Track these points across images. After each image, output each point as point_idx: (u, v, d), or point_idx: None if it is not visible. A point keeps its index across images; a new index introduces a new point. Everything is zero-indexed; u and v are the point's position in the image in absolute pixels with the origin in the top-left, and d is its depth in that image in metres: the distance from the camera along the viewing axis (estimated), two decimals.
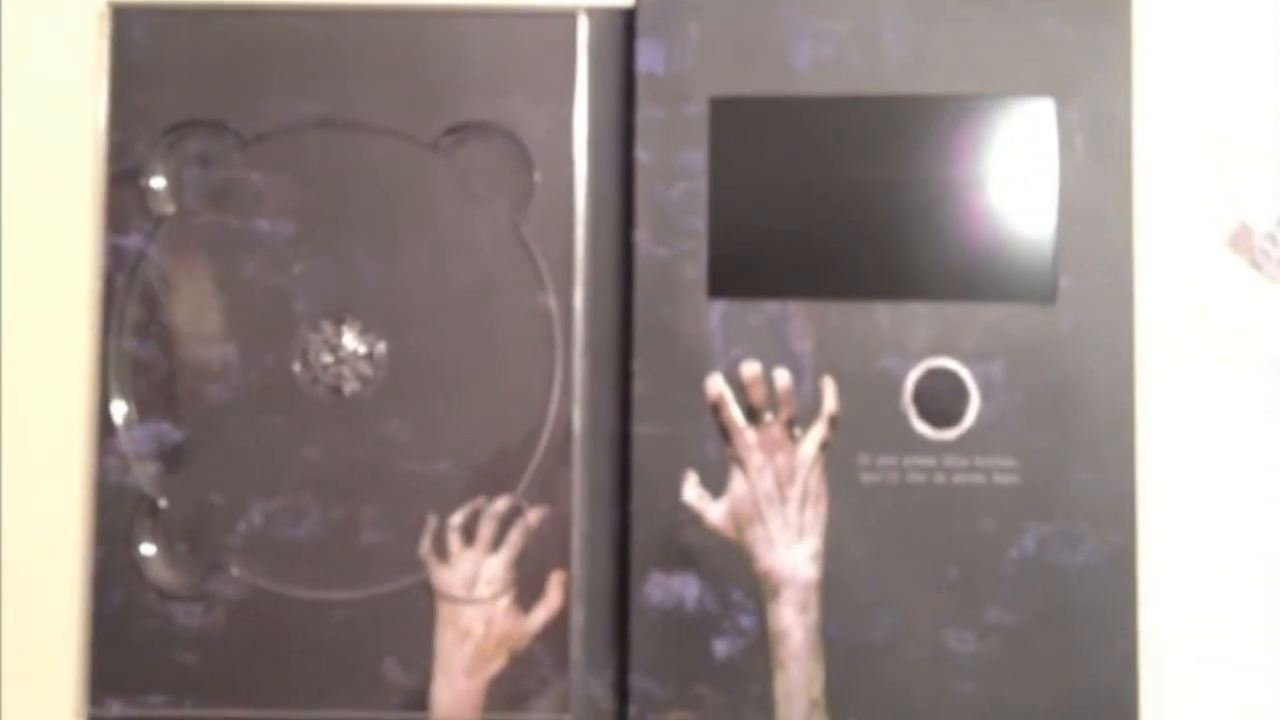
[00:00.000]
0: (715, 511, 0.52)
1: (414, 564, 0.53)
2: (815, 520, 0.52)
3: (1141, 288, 0.53)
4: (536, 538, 0.53)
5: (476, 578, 0.53)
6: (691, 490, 0.52)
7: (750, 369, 0.52)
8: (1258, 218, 0.54)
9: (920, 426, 0.52)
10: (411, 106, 0.54)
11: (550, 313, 0.53)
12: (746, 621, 0.52)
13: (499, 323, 0.53)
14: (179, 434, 0.53)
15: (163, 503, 0.53)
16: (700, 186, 0.53)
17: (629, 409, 0.53)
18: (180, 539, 0.53)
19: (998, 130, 0.53)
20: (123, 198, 0.54)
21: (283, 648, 0.52)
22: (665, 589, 0.52)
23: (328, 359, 0.53)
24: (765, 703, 0.51)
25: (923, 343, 0.52)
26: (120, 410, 0.53)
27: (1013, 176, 0.53)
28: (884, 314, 0.52)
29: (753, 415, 0.52)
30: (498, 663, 0.52)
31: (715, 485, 0.52)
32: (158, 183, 0.54)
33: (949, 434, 0.52)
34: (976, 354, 0.52)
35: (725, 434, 0.52)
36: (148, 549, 0.53)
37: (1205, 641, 0.53)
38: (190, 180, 0.54)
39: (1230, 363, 0.54)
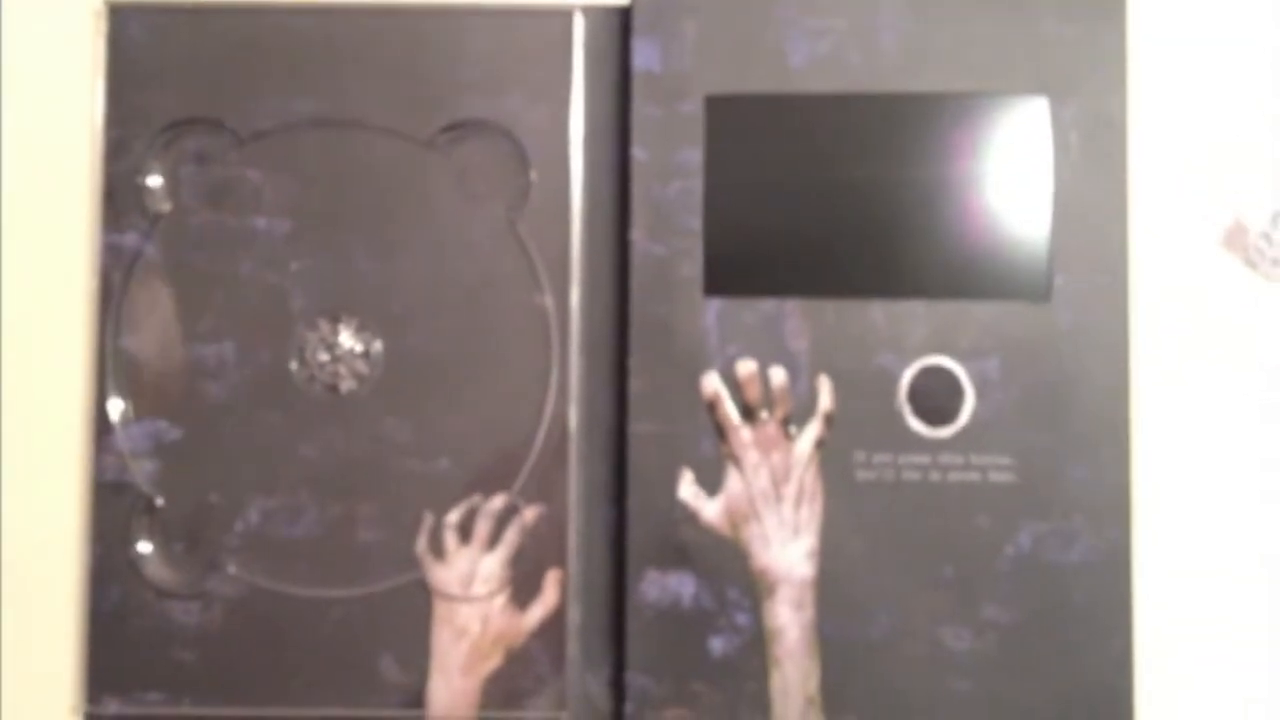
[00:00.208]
0: (711, 509, 0.52)
1: (410, 562, 0.53)
2: (811, 518, 0.52)
3: (1136, 286, 0.53)
4: (533, 536, 0.53)
5: (473, 576, 0.53)
6: (687, 488, 0.52)
7: (746, 367, 0.52)
8: (1252, 216, 0.54)
9: (916, 424, 0.52)
10: (408, 105, 0.54)
11: (547, 311, 0.53)
12: (742, 619, 0.52)
13: (496, 321, 0.53)
14: (176, 432, 0.53)
15: (160, 501, 0.53)
16: (696, 185, 0.53)
17: (625, 407, 0.53)
18: (177, 537, 0.53)
19: (993, 129, 0.53)
20: (120, 196, 0.54)
21: (280, 646, 0.52)
22: (661, 587, 0.52)
23: (324, 357, 0.53)
24: (761, 700, 0.51)
25: (918, 341, 0.52)
26: (117, 408, 0.53)
27: (1008, 175, 0.53)
28: (879, 312, 0.52)
29: (748, 413, 0.52)
30: (494, 661, 0.52)
31: (711, 483, 0.52)
32: (155, 181, 0.54)
33: (944, 432, 0.52)
34: (972, 352, 0.52)
35: (721, 432, 0.52)
36: (145, 547, 0.53)
37: (1200, 639, 0.53)
38: (187, 178, 0.54)
39: (1225, 361, 0.54)
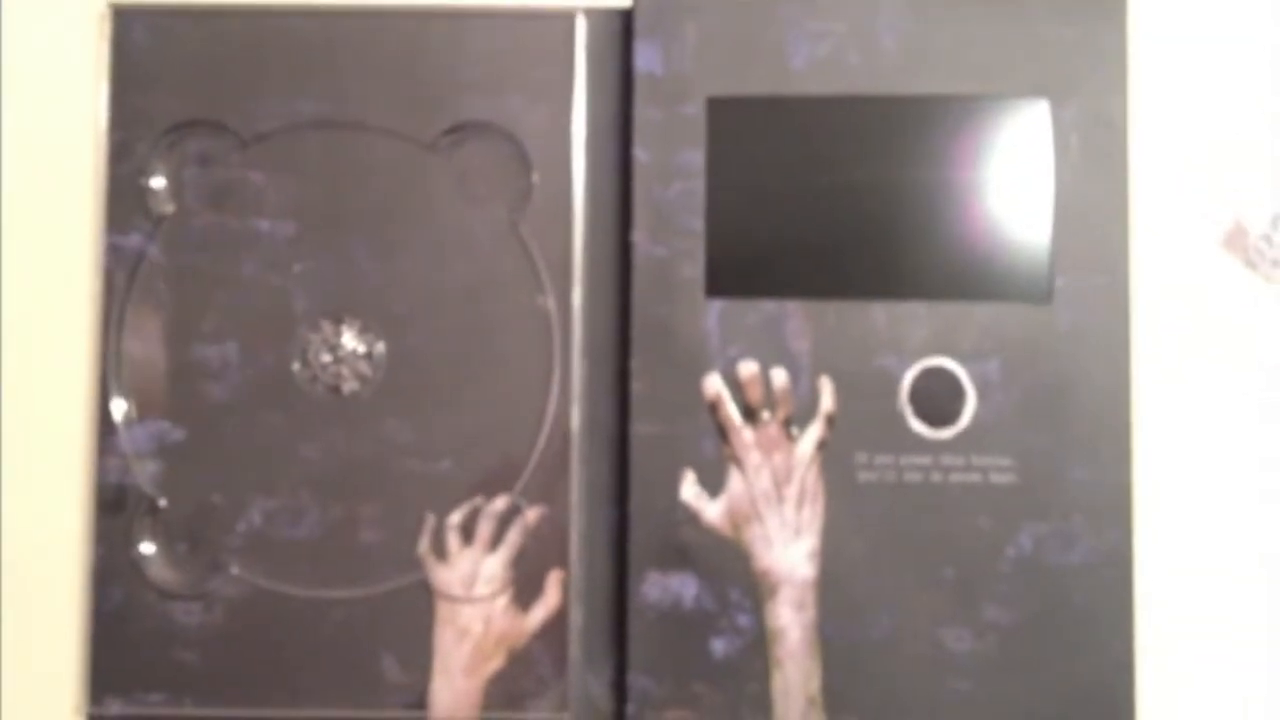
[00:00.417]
0: (713, 510, 0.52)
1: (413, 563, 0.53)
2: (812, 519, 0.52)
3: (1137, 287, 0.53)
4: (535, 537, 0.53)
5: (475, 577, 0.53)
6: (689, 489, 0.52)
7: (748, 368, 0.53)
8: (1253, 217, 0.55)
9: (917, 426, 0.52)
10: (410, 107, 0.54)
11: (548, 312, 0.53)
12: (744, 620, 0.52)
13: (497, 322, 0.53)
14: (179, 433, 0.53)
15: (162, 502, 0.53)
16: (698, 186, 0.53)
17: (627, 408, 0.53)
18: (180, 538, 0.53)
19: (994, 131, 0.53)
20: (123, 197, 0.54)
21: (282, 647, 0.52)
22: (663, 588, 0.52)
23: (327, 358, 0.53)
24: (763, 701, 0.51)
25: (919, 342, 0.52)
26: (120, 409, 0.53)
27: (1009, 176, 0.53)
28: (881, 313, 0.52)
29: (750, 414, 0.52)
30: (496, 662, 0.52)
31: (713, 484, 0.52)
32: (158, 182, 0.54)
33: (945, 433, 0.52)
34: (973, 353, 0.52)
35: (723, 433, 0.52)
36: (147, 548, 0.53)
37: (1201, 640, 0.53)
38: (190, 180, 0.54)
39: (1226, 362, 0.54)
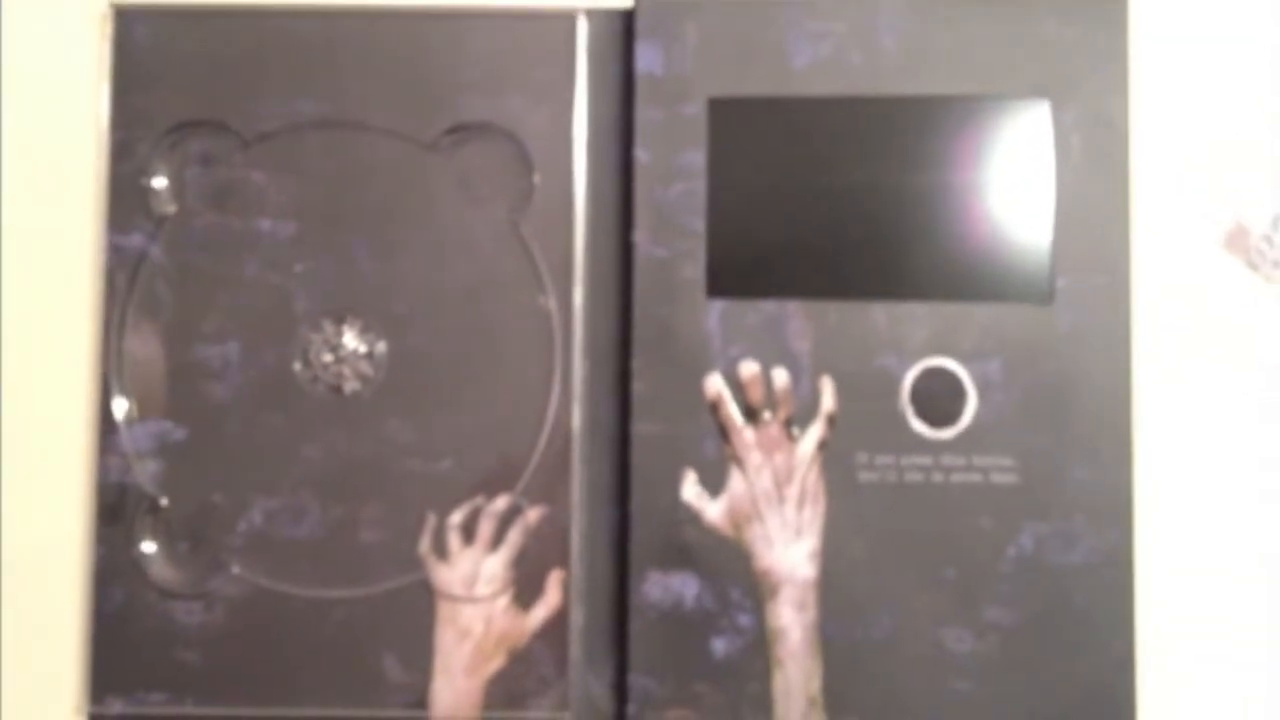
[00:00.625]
0: (714, 510, 0.52)
1: (414, 563, 0.53)
2: (813, 519, 0.52)
3: (1138, 288, 0.53)
4: (536, 536, 0.53)
5: (476, 576, 0.53)
6: (690, 489, 0.52)
7: (749, 368, 0.53)
8: (1254, 218, 0.55)
9: (918, 426, 0.52)
10: (412, 107, 0.54)
11: (550, 313, 0.53)
12: (745, 620, 0.52)
13: (498, 322, 0.53)
14: (180, 432, 0.53)
15: (164, 501, 0.53)
16: (699, 187, 0.53)
17: (628, 408, 0.53)
18: (181, 537, 0.53)
19: (995, 131, 0.53)
20: (124, 197, 0.54)
21: (283, 646, 0.52)
22: (664, 588, 0.52)
23: (328, 358, 0.54)
24: (763, 701, 0.51)
25: (920, 342, 0.52)
26: (121, 408, 0.53)
27: (1010, 177, 0.53)
28: (882, 314, 0.52)
29: (751, 414, 0.52)
30: (497, 661, 0.52)
31: (714, 484, 0.52)
32: (159, 182, 0.54)
33: (946, 433, 0.52)
34: (974, 354, 0.52)
35: (724, 433, 0.52)
36: (149, 547, 0.53)
37: (1202, 640, 0.53)
38: (192, 180, 0.54)
39: (1227, 362, 0.54)
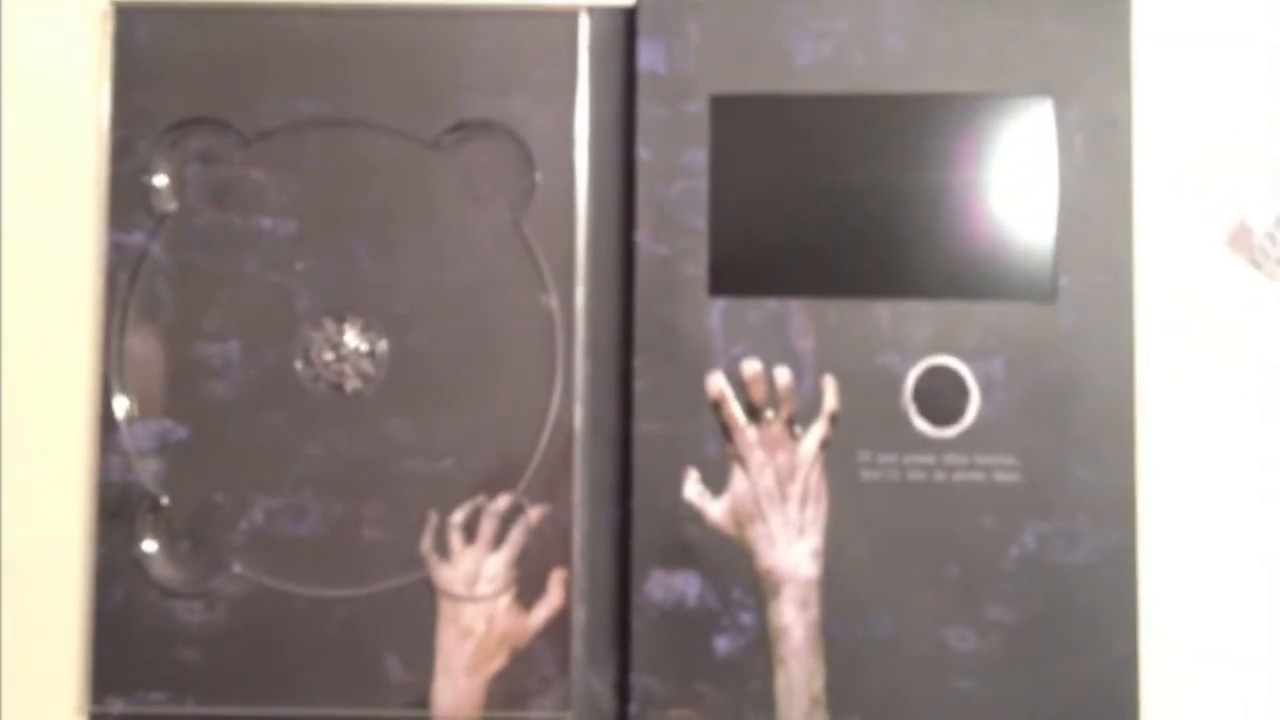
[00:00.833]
0: (716, 509, 0.52)
1: (415, 562, 0.53)
2: (816, 518, 0.52)
3: (1141, 287, 0.53)
4: (538, 535, 0.53)
5: (478, 575, 0.53)
6: (692, 488, 0.52)
7: (751, 367, 0.53)
8: (1257, 217, 0.55)
9: (921, 424, 0.52)
10: (413, 105, 0.54)
11: (551, 311, 0.53)
12: (747, 619, 0.52)
13: (500, 321, 0.53)
14: (181, 431, 0.53)
15: (165, 500, 0.53)
16: (701, 185, 0.53)
17: (630, 407, 0.53)
18: (182, 536, 0.53)
19: (998, 129, 0.53)
20: (125, 195, 0.54)
21: (284, 645, 0.52)
22: (666, 587, 0.52)
23: (329, 356, 0.53)
24: (766, 700, 0.51)
25: (923, 341, 0.52)
26: (122, 407, 0.53)
27: (1012, 176, 0.53)
28: (884, 312, 0.52)
29: (753, 413, 0.52)
30: (499, 661, 0.52)
31: (716, 483, 0.52)
32: (160, 180, 0.54)
33: (949, 432, 0.52)
34: (977, 352, 0.52)
35: (726, 432, 0.52)
36: (150, 546, 0.53)
37: (1205, 639, 0.53)
38: (193, 178, 0.54)
39: (1230, 361, 0.54)
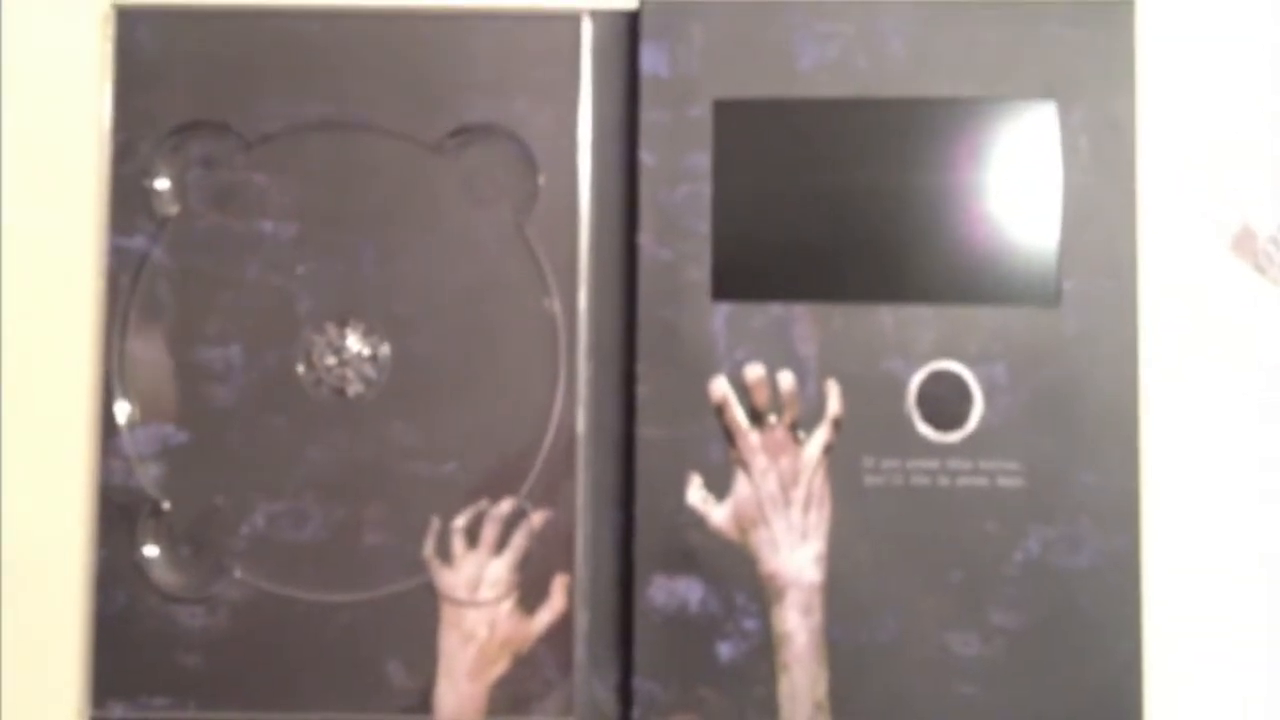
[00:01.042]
0: (719, 514, 0.52)
1: (417, 566, 0.53)
2: (819, 523, 0.52)
3: (1145, 291, 0.53)
4: (540, 540, 0.53)
5: (480, 580, 0.53)
6: (695, 493, 0.52)
7: (754, 371, 0.52)
8: (1261, 221, 0.54)
9: (924, 429, 0.52)
10: (415, 108, 0.54)
11: (554, 315, 0.53)
12: (750, 624, 0.52)
13: (503, 325, 0.53)
14: (182, 435, 0.53)
15: (166, 504, 0.53)
16: (704, 189, 0.53)
17: (633, 411, 0.52)
18: (183, 541, 0.53)
19: (1001, 133, 0.53)
20: (127, 199, 0.54)
21: (286, 650, 0.52)
22: (669, 592, 0.52)
23: (331, 361, 0.53)
24: (769, 705, 0.51)
25: (927, 345, 0.52)
26: (123, 411, 0.53)
27: (1016, 180, 0.53)
28: (888, 317, 0.52)
29: (757, 418, 0.52)
30: (501, 665, 0.52)
31: (719, 488, 0.52)
32: (162, 184, 0.54)
33: (953, 437, 0.52)
34: (980, 357, 0.52)
35: (729, 436, 0.52)
36: (151, 551, 0.53)
37: (1209, 643, 0.53)
38: (194, 181, 0.54)
39: (1234, 366, 0.54)
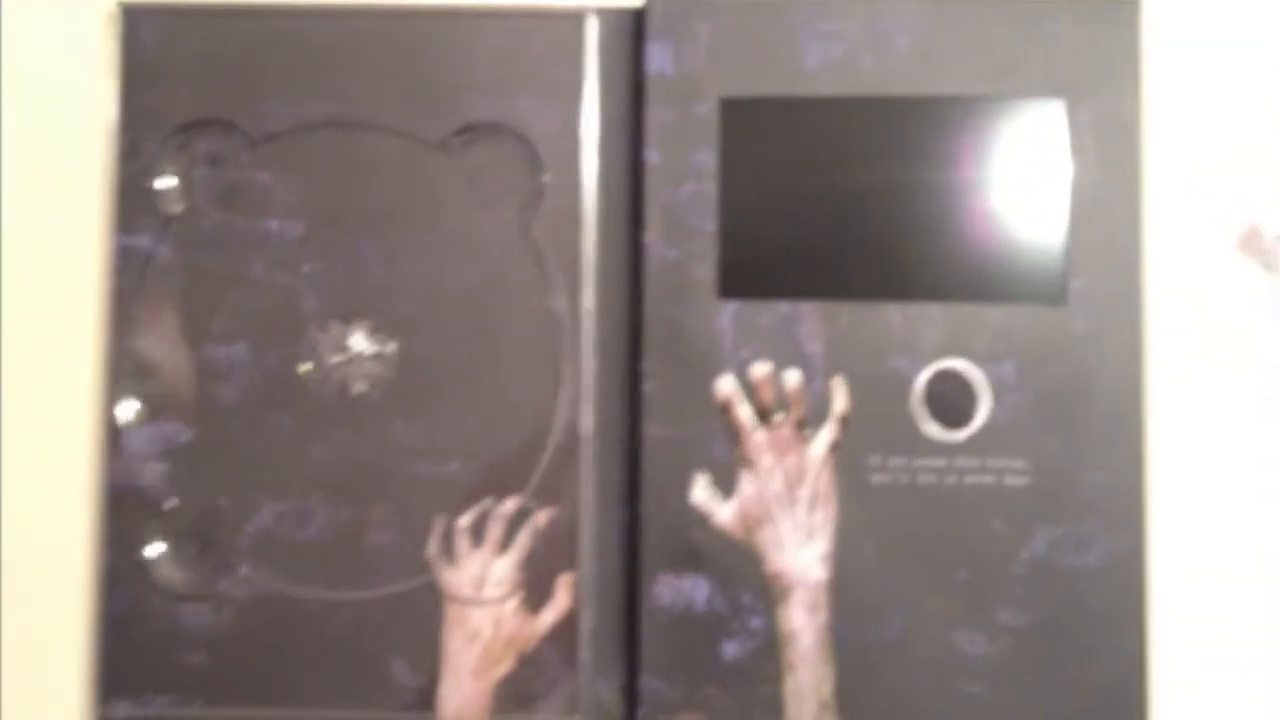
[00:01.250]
0: (725, 513, 0.52)
1: (422, 565, 0.52)
2: (825, 521, 0.52)
3: (1152, 290, 0.53)
4: (545, 539, 0.53)
5: (485, 579, 0.53)
6: (701, 491, 0.52)
7: (761, 369, 0.52)
8: (1268, 220, 0.54)
9: (930, 427, 0.52)
10: (420, 107, 0.54)
11: (559, 313, 0.53)
12: (756, 623, 0.52)
13: (508, 323, 0.53)
14: (187, 434, 0.53)
15: (171, 503, 0.53)
16: (710, 187, 0.53)
17: (638, 410, 0.52)
18: (188, 539, 0.53)
19: (1008, 132, 0.53)
20: (132, 197, 0.54)
21: (291, 648, 0.52)
22: (675, 590, 0.52)
23: (336, 359, 0.53)
24: (775, 704, 0.51)
25: (933, 344, 0.52)
26: (128, 410, 0.53)
27: (1023, 178, 0.53)
28: (895, 315, 0.52)
29: (763, 416, 0.52)
30: (505, 664, 0.52)
31: (725, 486, 0.52)
32: (167, 182, 0.54)
33: (959, 435, 0.52)
34: (987, 355, 0.52)
35: (735, 435, 0.52)
36: (156, 549, 0.53)
37: (1214, 643, 0.53)
38: (199, 180, 0.54)
39: (1240, 365, 0.54)
